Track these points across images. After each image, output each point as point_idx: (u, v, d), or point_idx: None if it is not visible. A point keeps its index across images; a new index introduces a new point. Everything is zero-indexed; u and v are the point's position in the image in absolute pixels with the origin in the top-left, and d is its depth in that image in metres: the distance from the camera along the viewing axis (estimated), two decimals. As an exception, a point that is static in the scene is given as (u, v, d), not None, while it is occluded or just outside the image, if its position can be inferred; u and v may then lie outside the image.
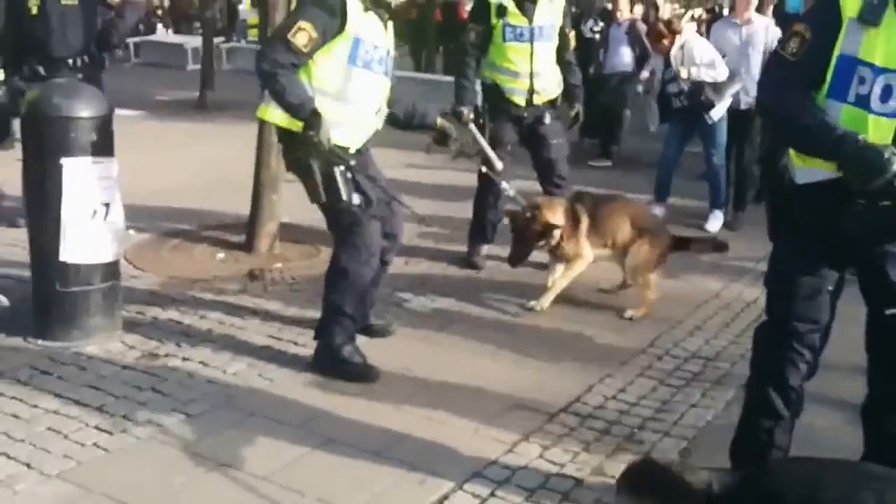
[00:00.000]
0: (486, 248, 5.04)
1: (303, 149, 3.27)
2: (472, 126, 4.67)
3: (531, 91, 4.77)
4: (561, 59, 4.91)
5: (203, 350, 3.65)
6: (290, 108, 3.23)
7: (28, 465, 2.77)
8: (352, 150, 3.38)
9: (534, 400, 3.33)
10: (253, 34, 17.17)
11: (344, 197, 3.30)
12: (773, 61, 2.52)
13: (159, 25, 21.35)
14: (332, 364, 3.47)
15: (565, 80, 4.96)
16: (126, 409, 3.13)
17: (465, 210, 5.19)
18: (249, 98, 5.15)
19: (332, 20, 3.23)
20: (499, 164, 4.57)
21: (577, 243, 4.36)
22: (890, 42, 2.22)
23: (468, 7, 22.29)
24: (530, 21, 4.68)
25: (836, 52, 2.30)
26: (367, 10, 3.33)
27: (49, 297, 3.65)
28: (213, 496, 2.65)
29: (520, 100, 4.78)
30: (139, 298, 4.19)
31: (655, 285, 4.37)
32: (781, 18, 7.20)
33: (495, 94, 4.84)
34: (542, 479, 2.81)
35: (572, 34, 5.14)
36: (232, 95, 10.64)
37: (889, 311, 2.41)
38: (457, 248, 5.16)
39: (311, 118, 3.18)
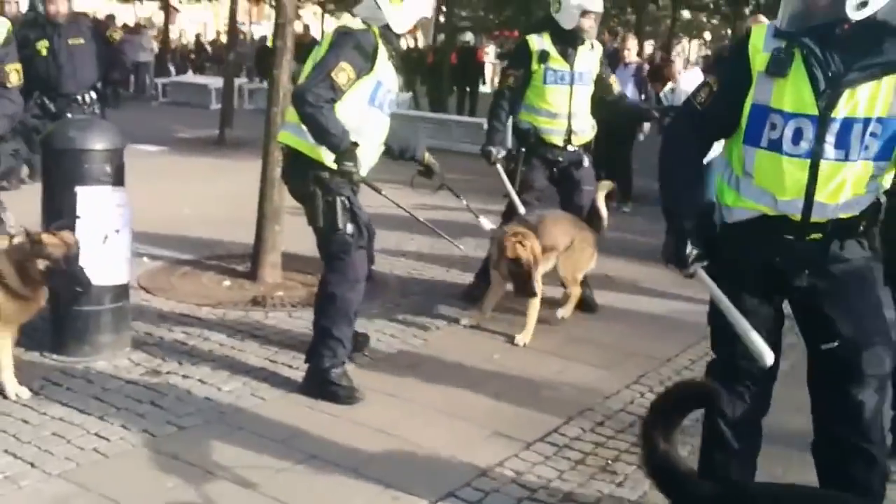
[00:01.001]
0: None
1: (312, 176, 3.56)
2: (500, 167, 4.93)
3: (569, 132, 4.96)
4: (603, 102, 5.14)
5: (202, 369, 3.89)
6: (332, 139, 3.44)
7: (32, 465, 3.01)
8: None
9: (512, 429, 3.46)
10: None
11: (340, 226, 3.58)
12: (683, 109, 2.69)
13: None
14: (321, 386, 3.67)
15: (624, 110, 5.36)
16: (125, 420, 3.36)
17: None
18: (266, 136, 5.44)
19: (366, 64, 3.55)
20: (521, 209, 4.79)
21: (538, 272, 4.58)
22: (797, 90, 2.37)
23: (487, 50, 22.64)
24: (571, 66, 4.91)
25: (749, 102, 2.46)
26: (390, 57, 3.69)
27: (63, 316, 3.91)
28: (200, 501, 2.86)
29: (558, 140, 4.96)
30: (148, 320, 4.46)
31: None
32: None
33: (532, 138, 5.00)
34: (514, 502, 2.95)
35: (613, 78, 5.28)
36: (250, 133, 11.00)
37: (825, 346, 2.48)
38: (453, 280, 5.40)
39: (351, 150, 3.46)
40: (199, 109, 15.42)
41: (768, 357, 2.41)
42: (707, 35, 40.64)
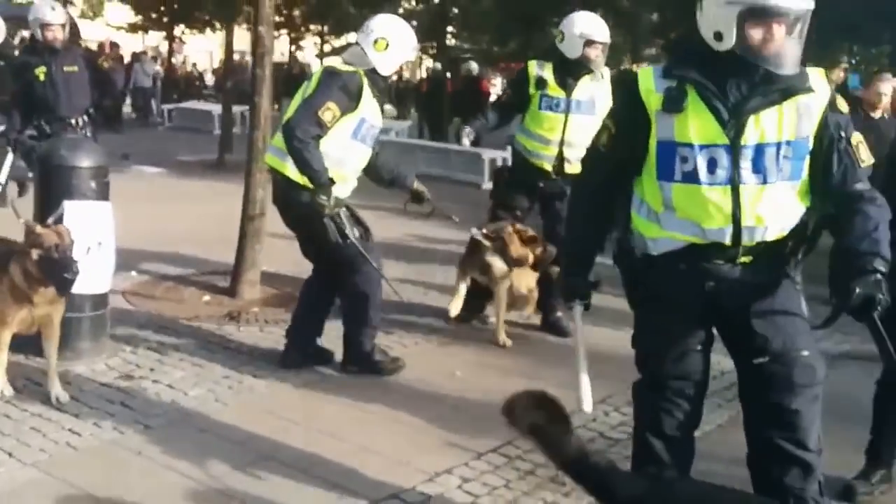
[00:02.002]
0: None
1: (309, 200, 3.92)
2: (466, 140, 5.40)
3: (560, 159, 4.97)
4: None
5: (172, 375, 4.16)
6: (313, 174, 3.86)
7: (10, 454, 3.29)
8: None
9: (466, 440, 3.59)
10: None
11: (349, 234, 4.00)
12: (589, 152, 2.82)
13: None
14: (367, 366, 4.25)
15: None
16: (96, 418, 3.64)
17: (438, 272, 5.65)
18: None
19: (351, 103, 3.97)
20: (466, 141, 5.40)
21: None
22: (701, 122, 2.48)
23: (494, 80, 22.90)
24: (569, 95, 4.95)
25: (654, 141, 2.56)
26: (374, 96, 4.09)
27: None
28: (158, 492, 3.11)
29: (548, 166, 5.00)
30: (128, 329, 4.74)
31: None
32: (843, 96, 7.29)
33: (522, 161, 5.13)
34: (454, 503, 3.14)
35: None
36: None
37: (757, 361, 2.58)
38: (430, 304, 5.61)
39: (328, 186, 3.88)
40: (204, 134, 15.78)
41: (588, 407, 2.70)
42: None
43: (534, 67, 5.09)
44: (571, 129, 4.97)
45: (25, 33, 6.94)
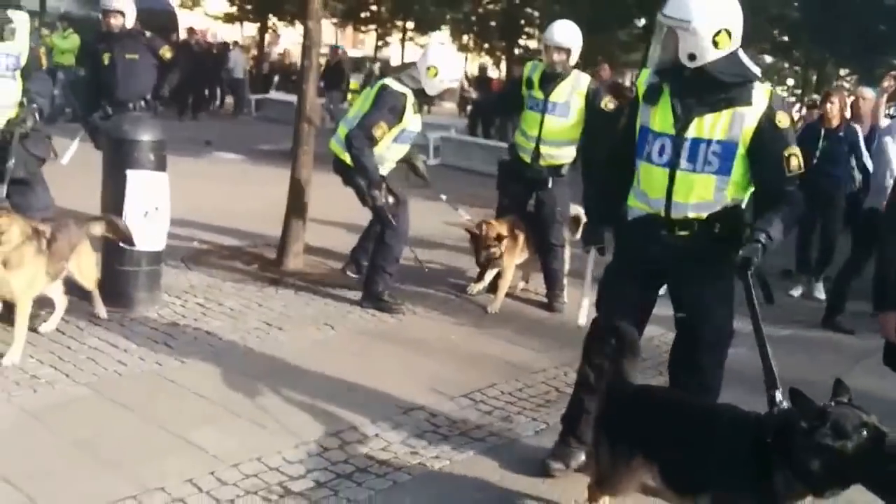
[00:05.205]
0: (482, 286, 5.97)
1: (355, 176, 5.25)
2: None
3: (537, 153, 5.62)
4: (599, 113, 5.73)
5: (211, 325, 4.81)
6: (366, 174, 5.15)
7: (66, 375, 3.97)
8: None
9: (444, 387, 4.21)
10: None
11: (380, 201, 5.23)
12: (608, 134, 3.54)
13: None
14: (377, 302, 5.33)
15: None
16: (142, 353, 4.31)
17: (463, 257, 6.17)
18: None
19: (396, 120, 5.21)
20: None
21: (512, 256, 5.67)
22: (663, 115, 3.14)
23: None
24: (546, 97, 5.56)
25: (638, 124, 3.24)
26: (415, 112, 5.31)
27: (110, 273, 4.88)
28: (184, 410, 3.73)
29: (527, 158, 5.68)
30: (181, 287, 5.44)
31: None
32: None
33: (515, 155, 5.81)
34: (417, 430, 3.73)
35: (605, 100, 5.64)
36: (323, 148, 12.04)
37: (678, 315, 3.28)
38: (447, 279, 6.18)
39: (379, 182, 5.21)
40: (286, 125, 16.53)
41: (583, 321, 3.20)
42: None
43: (528, 69, 5.79)
44: (546, 127, 5.58)
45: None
